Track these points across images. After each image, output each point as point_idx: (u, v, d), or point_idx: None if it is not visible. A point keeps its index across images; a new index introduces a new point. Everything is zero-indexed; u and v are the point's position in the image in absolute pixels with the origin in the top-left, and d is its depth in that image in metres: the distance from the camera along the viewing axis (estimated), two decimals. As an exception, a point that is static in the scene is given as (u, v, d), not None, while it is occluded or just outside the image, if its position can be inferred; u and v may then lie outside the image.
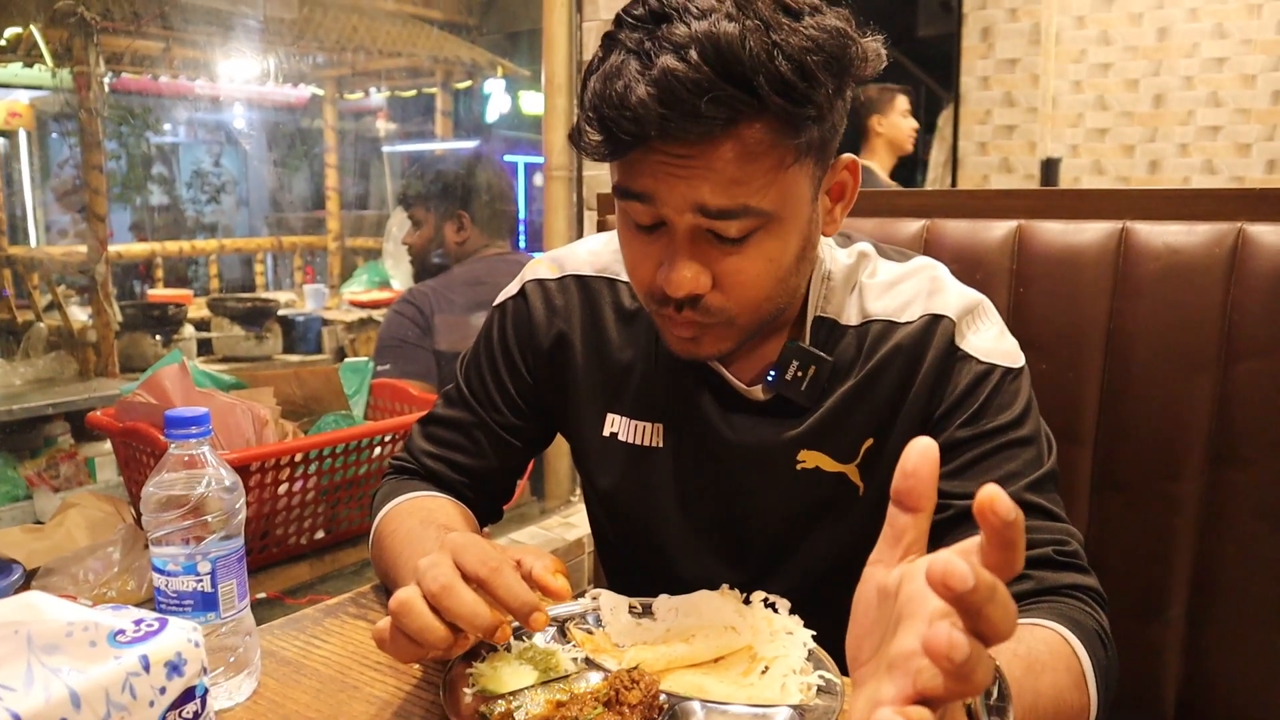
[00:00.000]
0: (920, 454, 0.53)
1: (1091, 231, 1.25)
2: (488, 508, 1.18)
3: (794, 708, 0.78)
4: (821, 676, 0.82)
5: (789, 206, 0.87)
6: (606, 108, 0.81)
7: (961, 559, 0.45)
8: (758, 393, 1.02)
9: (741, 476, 1.05)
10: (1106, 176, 5.35)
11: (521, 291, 1.13)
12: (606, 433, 1.09)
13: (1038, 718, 0.74)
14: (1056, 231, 1.28)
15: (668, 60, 0.78)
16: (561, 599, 0.83)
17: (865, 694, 0.54)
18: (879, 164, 3.80)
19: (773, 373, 1.01)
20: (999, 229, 1.31)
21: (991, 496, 0.46)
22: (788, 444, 1.02)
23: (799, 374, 1.00)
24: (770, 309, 0.94)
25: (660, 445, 1.07)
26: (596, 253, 1.12)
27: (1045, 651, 0.79)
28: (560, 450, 2.69)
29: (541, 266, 1.13)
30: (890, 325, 1.01)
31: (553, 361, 1.11)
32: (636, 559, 1.17)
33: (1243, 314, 1.16)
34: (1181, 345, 1.19)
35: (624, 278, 1.09)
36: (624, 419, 1.08)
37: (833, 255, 1.05)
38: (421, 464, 1.14)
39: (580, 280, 1.11)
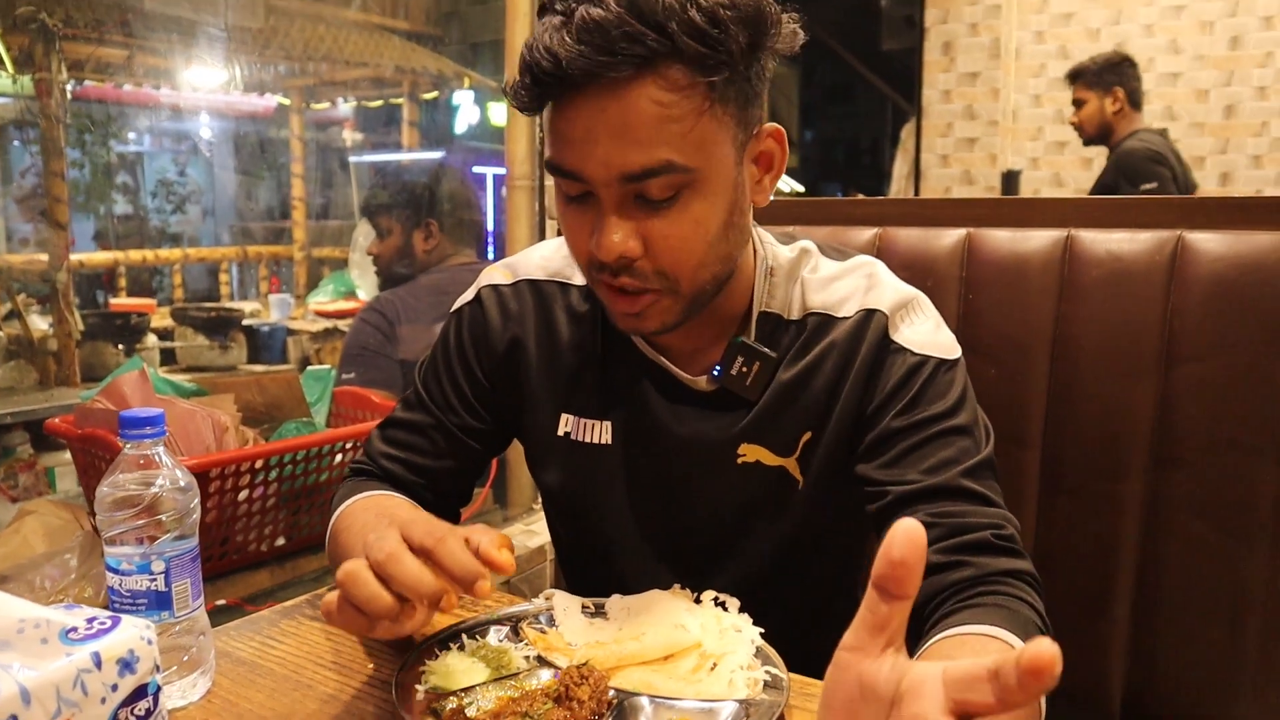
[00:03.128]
0: (906, 540, 0.51)
1: (1038, 239, 1.29)
2: (445, 509, 1.18)
3: (740, 702, 0.80)
4: (768, 672, 0.84)
5: (712, 164, 0.90)
6: (532, 57, 0.86)
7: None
8: (702, 383, 1.05)
9: (685, 470, 1.07)
10: (1066, 189, 5.44)
11: (477, 297, 1.15)
12: (561, 432, 1.11)
13: None
14: (1004, 239, 1.31)
15: (587, 9, 0.83)
16: (505, 573, 0.82)
17: None
18: None
19: (718, 367, 1.03)
20: (949, 237, 1.34)
21: (1053, 658, 0.45)
22: (728, 438, 1.04)
23: (744, 369, 1.02)
24: (708, 276, 0.96)
25: (609, 443, 1.09)
26: (549, 258, 1.15)
27: None
28: (522, 457, 2.69)
29: (496, 273, 1.16)
30: (828, 320, 1.03)
31: (507, 364, 1.13)
32: (588, 556, 1.19)
33: (1182, 319, 1.19)
34: (1124, 349, 1.22)
35: (576, 281, 1.12)
36: (574, 418, 1.10)
37: (775, 252, 1.07)
38: (379, 465, 1.15)
39: (533, 285, 1.13)
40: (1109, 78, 3.71)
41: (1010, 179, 5.16)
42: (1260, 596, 1.18)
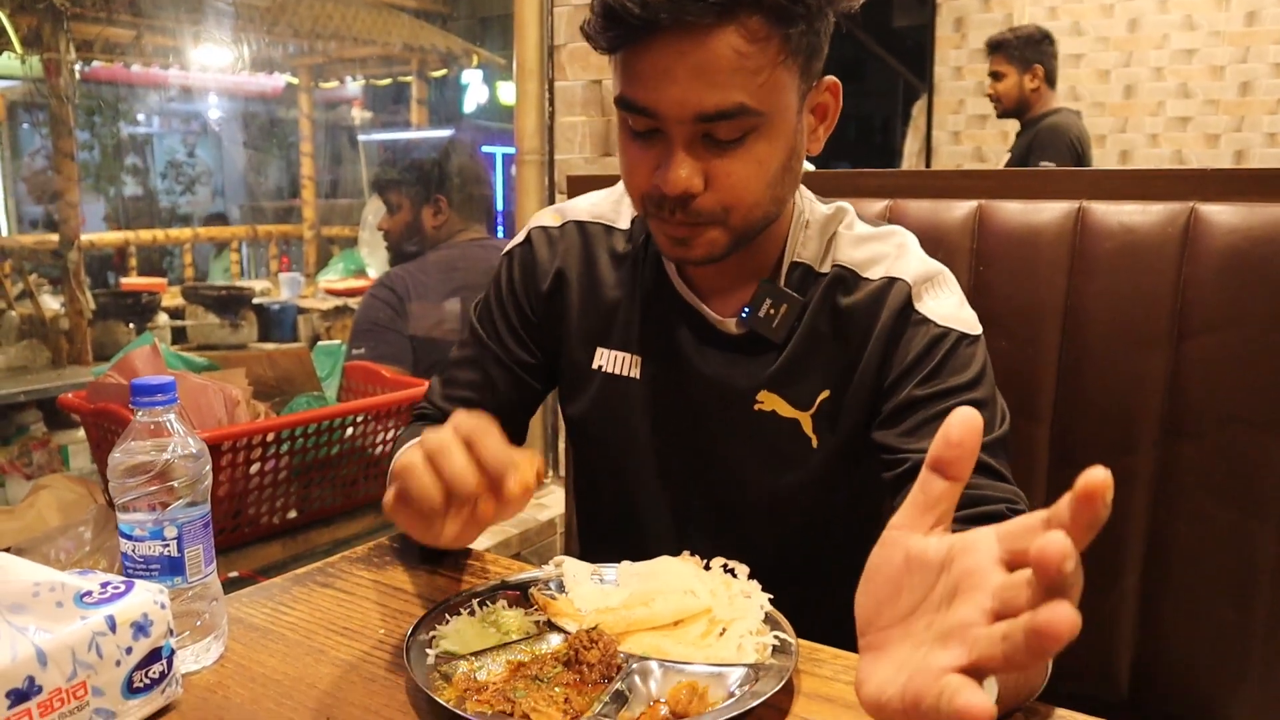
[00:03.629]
0: (963, 423, 0.54)
1: (1049, 211, 1.28)
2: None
3: (749, 666, 0.80)
4: (777, 637, 0.84)
5: (779, 109, 0.94)
6: None
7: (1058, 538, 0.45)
8: (731, 326, 1.08)
9: (705, 410, 1.10)
10: (1079, 167, 5.40)
11: (527, 238, 1.20)
12: (594, 365, 1.16)
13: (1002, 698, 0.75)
14: (1016, 211, 1.30)
15: None
16: (526, 492, 0.81)
17: (900, 660, 0.54)
18: None
19: (746, 309, 1.06)
20: (960, 209, 1.33)
21: (1105, 481, 0.45)
22: (749, 384, 1.08)
23: (771, 311, 1.05)
24: (759, 215, 0.99)
25: (637, 376, 1.13)
26: (597, 203, 1.20)
27: None
28: (532, 434, 2.71)
29: (546, 215, 1.21)
30: (855, 278, 1.06)
31: (551, 299, 1.18)
32: (603, 491, 1.22)
33: (1194, 291, 1.19)
34: (1136, 322, 1.22)
35: (620, 225, 1.17)
36: (609, 351, 1.15)
37: (812, 206, 1.11)
38: (438, 407, 1.22)
39: (579, 225, 1.18)
40: (1030, 54, 3.72)
41: (1022, 157, 5.12)
42: (1269, 573, 1.18)
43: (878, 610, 0.57)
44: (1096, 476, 0.45)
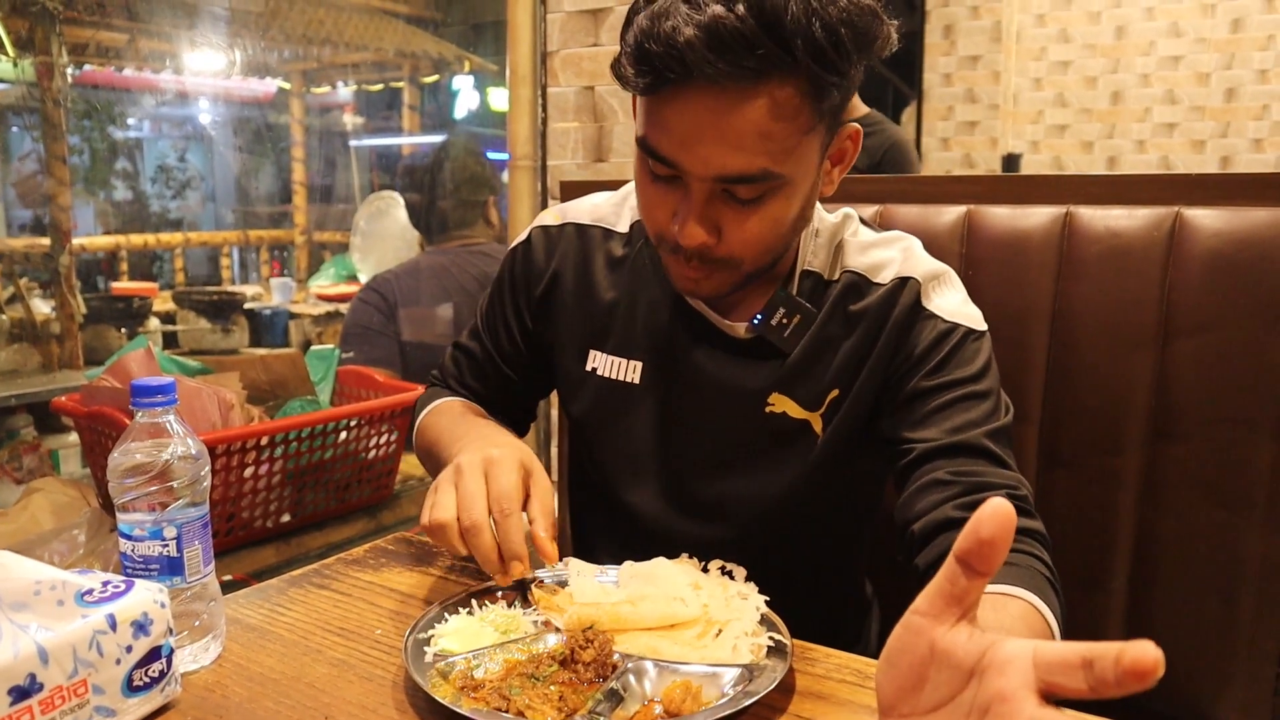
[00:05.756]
0: (995, 520, 0.53)
1: (1037, 216, 1.30)
2: (512, 425, 1.27)
3: (744, 667, 0.81)
4: (772, 638, 0.85)
5: (800, 172, 0.95)
6: (653, 43, 0.87)
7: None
8: (739, 330, 1.09)
9: (712, 412, 1.11)
10: (1067, 172, 5.43)
11: (528, 237, 1.22)
12: (588, 368, 1.17)
13: None
14: (1004, 216, 1.32)
15: (716, 8, 0.84)
16: (550, 562, 0.95)
17: None
18: None
19: (759, 316, 1.07)
20: (949, 214, 1.35)
21: (1156, 662, 0.45)
22: (760, 386, 1.09)
23: (784, 320, 1.07)
24: (769, 260, 1.03)
25: (637, 381, 1.14)
26: (599, 205, 1.21)
27: (1025, 631, 0.82)
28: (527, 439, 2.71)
29: (548, 215, 1.23)
30: (865, 283, 1.08)
31: (547, 299, 1.19)
32: (599, 496, 1.23)
33: (1180, 294, 1.21)
34: (1122, 324, 1.24)
35: (619, 229, 1.18)
36: (605, 355, 1.16)
37: (820, 215, 1.12)
38: (448, 384, 1.29)
39: (579, 227, 1.20)
40: None
41: (1011, 163, 5.15)
42: (1255, 570, 1.19)
43: (900, 695, 0.57)
44: (1150, 656, 0.45)
